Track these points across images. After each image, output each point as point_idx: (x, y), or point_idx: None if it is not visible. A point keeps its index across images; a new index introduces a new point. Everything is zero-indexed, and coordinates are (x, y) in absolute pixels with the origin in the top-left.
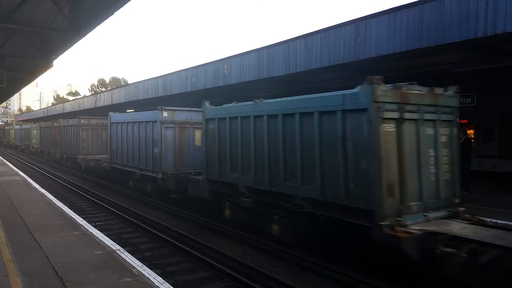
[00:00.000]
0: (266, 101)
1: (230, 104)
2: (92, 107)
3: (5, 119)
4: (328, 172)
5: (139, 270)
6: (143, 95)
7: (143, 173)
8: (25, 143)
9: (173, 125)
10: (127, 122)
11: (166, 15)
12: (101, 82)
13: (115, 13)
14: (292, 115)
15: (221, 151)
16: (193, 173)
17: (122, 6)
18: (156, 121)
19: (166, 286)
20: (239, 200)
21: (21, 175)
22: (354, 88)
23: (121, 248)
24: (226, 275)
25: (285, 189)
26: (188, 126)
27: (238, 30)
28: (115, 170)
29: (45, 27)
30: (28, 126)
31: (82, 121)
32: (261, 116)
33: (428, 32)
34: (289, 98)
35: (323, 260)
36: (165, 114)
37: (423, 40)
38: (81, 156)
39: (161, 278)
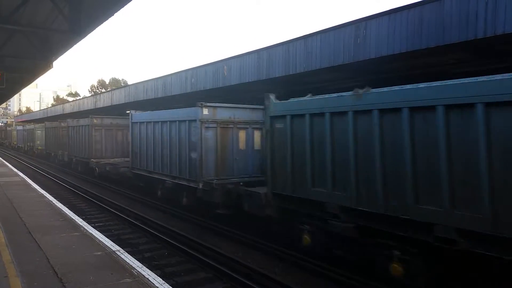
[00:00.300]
0: (374, 90)
1: (310, 97)
2: (92, 108)
3: (5, 120)
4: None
5: (139, 271)
6: (143, 96)
7: (177, 182)
8: (29, 144)
9: (214, 125)
10: (154, 122)
11: (166, 16)
12: (101, 83)
13: (115, 14)
14: (428, 108)
15: (296, 158)
16: (241, 184)
17: (123, 7)
18: (194, 120)
19: (166, 287)
20: (327, 223)
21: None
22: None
23: (121, 249)
24: (226, 275)
25: (419, 215)
26: (231, 125)
27: (238, 31)
28: (138, 177)
29: (45, 28)
30: (31, 126)
31: (95, 120)
32: (367, 112)
33: (428, 33)
34: (421, 85)
35: (323, 261)
36: (205, 111)
37: (423, 41)
38: (94, 160)
39: (161, 279)
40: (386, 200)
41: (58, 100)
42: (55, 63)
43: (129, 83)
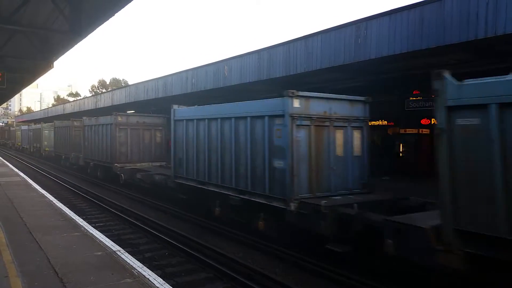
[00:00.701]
0: None
1: None
2: (93, 108)
3: (5, 120)
4: None
5: (140, 271)
6: (144, 96)
7: (247, 198)
8: (35, 145)
9: (307, 122)
10: (209, 119)
11: (167, 16)
12: (102, 83)
13: (116, 14)
14: None
15: None
16: (355, 205)
17: (123, 7)
18: (281, 116)
19: (167, 287)
20: None
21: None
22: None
23: (121, 249)
24: (226, 276)
25: None
26: (327, 123)
27: (239, 31)
28: (183, 189)
29: (45, 28)
30: (38, 126)
31: (119, 118)
32: None
33: (428, 33)
34: None
35: (324, 261)
36: (296, 103)
37: (423, 41)
38: (118, 165)
39: (161, 279)
40: None
41: (59, 100)
42: (55, 63)
43: (129, 83)
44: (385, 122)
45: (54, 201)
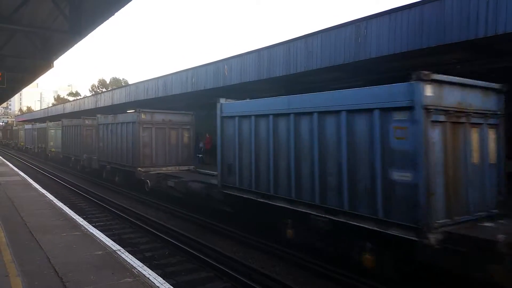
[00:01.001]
0: None
1: None
2: (93, 107)
3: (5, 120)
4: None
5: (140, 270)
6: (144, 96)
7: (343, 220)
8: (40, 146)
9: (442, 118)
10: (274, 115)
11: (167, 15)
12: (102, 83)
13: (116, 14)
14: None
15: None
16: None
17: (123, 6)
18: (407, 108)
19: (167, 286)
20: None
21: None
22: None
23: (121, 248)
24: (226, 275)
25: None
26: (463, 119)
27: (239, 31)
28: (234, 201)
29: (45, 27)
30: (43, 125)
31: (143, 116)
32: None
33: (428, 32)
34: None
35: (324, 261)
36: (429, 90)
37: (423, 41)
38: (142, 169)
39: (161, 279)
40: None
41: (59, 100)
42: (55, 62)
43: (129, 82)
44: None
45: (54, 200)
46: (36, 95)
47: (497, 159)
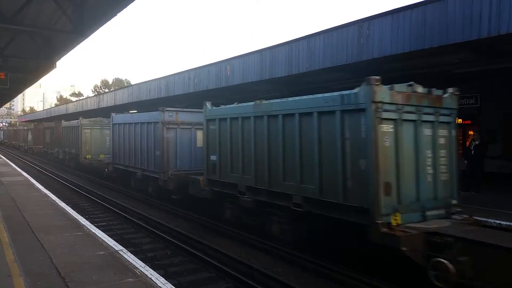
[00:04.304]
0: None
1: None
2: (95, 107)
3: (8, 120)
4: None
5: (142, 270)
6: (146, 96)
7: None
8: (67, 150)
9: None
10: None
11: (169, 16)
12: (104, 83)
13: (118, 14)
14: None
15: None
16: None
17: (125, 7)
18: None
19: (169, 286)
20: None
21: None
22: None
23: (123, 248)
24: (228, 275)
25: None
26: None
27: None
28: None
29: (48, 28)
30: (74, 123)
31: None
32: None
33: (431, 32)
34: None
35: (327, 261)
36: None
37: (426, 41)
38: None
39: (163, 279)
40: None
41: (62, 100)
42: (58, 63)
43: (132, 83)
44: None
45: (56, 201)
46: (39, 96)
47: None
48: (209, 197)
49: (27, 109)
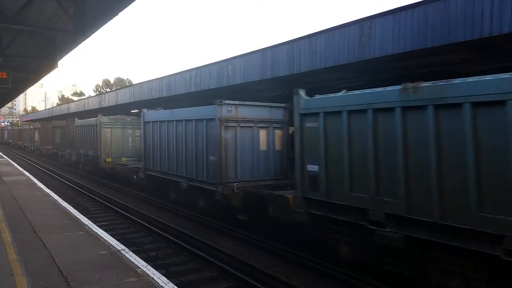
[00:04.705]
0: None
1: None
2: (97, 107)
3: (10, 119)
4: None
5: (144, 270)
6: (148, 96)
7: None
8: (82, 152)
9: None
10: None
11: (170, 15)
12: (106, 83)
13: (120, 14)
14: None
15: None
16: None
17: (127, 6)
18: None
19: (171, 286)
20: None
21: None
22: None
23: (125, 248)
24: (230, 275)
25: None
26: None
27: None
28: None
29: (50, 27)
30: (91, 120)
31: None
32: None
33: (433, 32)
34: None
35: (329, 261)
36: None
37: (428, 40)
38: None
39: (165, 278)
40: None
41: (63, 100)
42: (60, 62)
43: (133, 82)
44: None
45: (58, 200)
46: (41, 95)
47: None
48: (303, 222)
49: (29, 108)
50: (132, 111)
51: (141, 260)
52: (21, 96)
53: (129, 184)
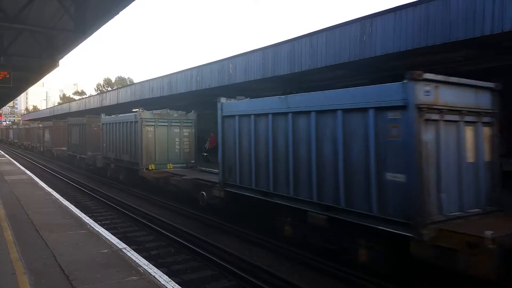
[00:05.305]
0: None
1: None
2: (98, 106)
3: (12, 119)
4: None
5: (145, 268)
6: (149, 94)
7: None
8: (120, 157)
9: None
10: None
11: (171, 14)
12: (107, 82)
13: (120, 13)
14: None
15: None
16: None
17: (127, 5)
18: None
19: (172, 284)
20: None
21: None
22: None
23: (127, 246)
24: (231, 273)
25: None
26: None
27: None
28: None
29: (51, 27)
30: (130, 116)
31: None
32: None
33: (434, 30)
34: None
35: (330, 259)
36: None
37: (429, 38)
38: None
39: (167, 277)
40: None
41: (65, 99)
42: (61, 61)
43: (134, 81)
44: None
45: (60, 199)
46: (42, 94)
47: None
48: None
49: (30, 107)
50: (133, 110)
51: (143, 258)
52: (23, 95)
53: (192, 203)
